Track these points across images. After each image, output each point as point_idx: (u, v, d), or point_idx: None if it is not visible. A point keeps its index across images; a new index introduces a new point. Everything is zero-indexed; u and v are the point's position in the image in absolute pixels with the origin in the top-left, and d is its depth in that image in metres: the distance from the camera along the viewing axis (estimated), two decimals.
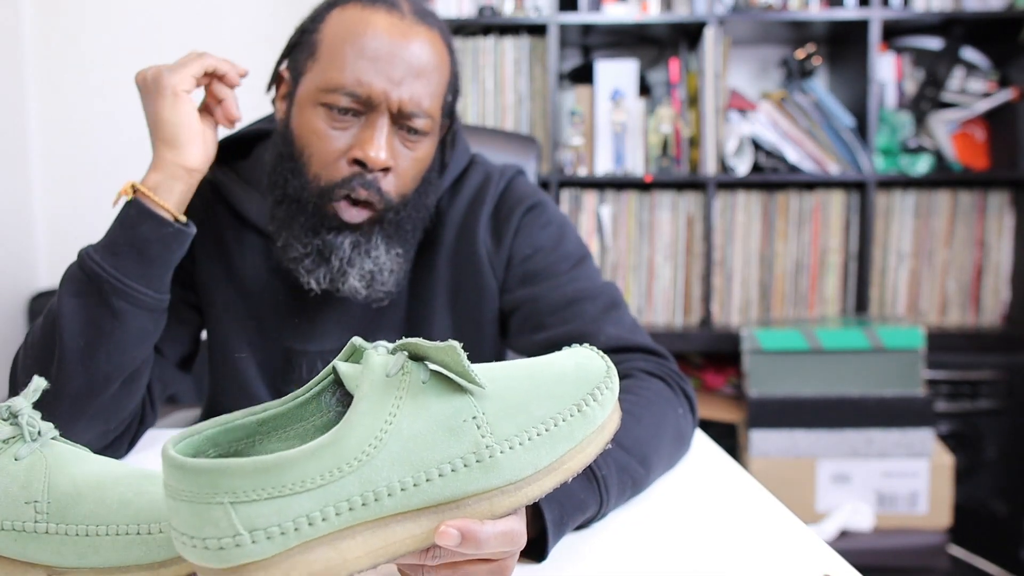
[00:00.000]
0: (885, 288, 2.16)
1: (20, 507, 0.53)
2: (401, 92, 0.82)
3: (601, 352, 0.59)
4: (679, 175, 2.09)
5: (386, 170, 0.84)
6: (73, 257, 0.80)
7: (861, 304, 2.11)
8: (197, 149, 0.82)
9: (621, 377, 0.83)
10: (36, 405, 0.61)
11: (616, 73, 2.15)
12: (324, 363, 0.94)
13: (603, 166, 2.15)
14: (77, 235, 2.28)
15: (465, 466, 0.49)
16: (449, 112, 0.93)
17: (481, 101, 2.15)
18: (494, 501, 0.50)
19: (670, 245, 2.16)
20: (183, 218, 0.81)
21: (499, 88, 2.15)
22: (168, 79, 0.80)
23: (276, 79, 0.92)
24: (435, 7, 2.11)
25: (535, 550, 0.60)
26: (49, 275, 2.30)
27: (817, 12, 2.05)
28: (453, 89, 0.92)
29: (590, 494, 0.64)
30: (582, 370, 0.56)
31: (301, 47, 0.87)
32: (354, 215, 0.84)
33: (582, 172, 2.12)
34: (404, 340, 0.50)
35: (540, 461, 0.52)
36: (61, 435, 0.60)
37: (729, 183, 2.13)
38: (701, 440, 0.90)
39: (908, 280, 2.16)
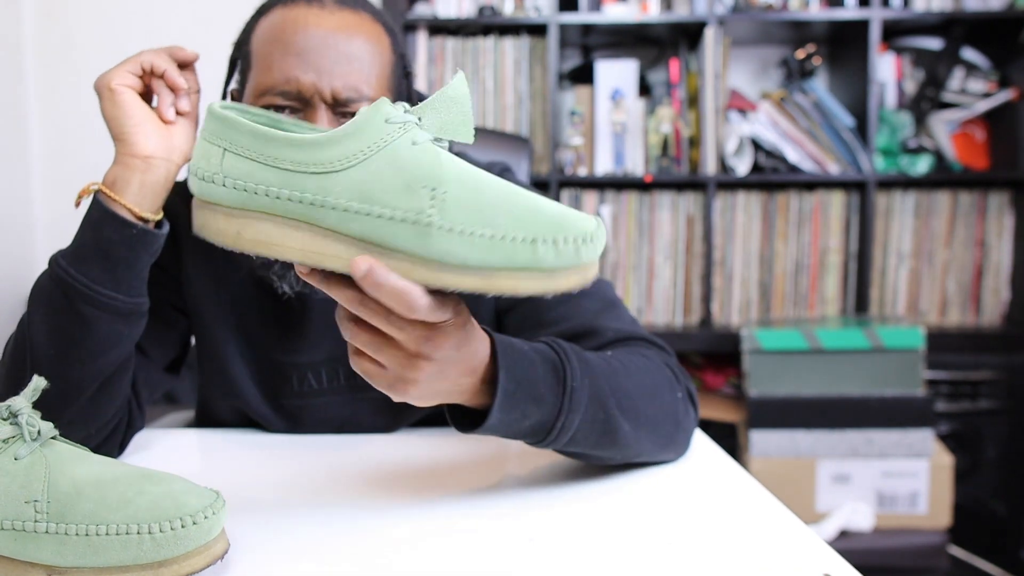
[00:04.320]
0: (885, 288, 2.16)
1: (20, 507, 0.53)
2: (333, 80, 0.80)
3: (602, 222, 0.58)
4: (679, 175, 2.09)
5: None
6: None
7: (861, 304, 2.11)
8: (145, 136, 0.78)
9: (623, 347, 0.83)
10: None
11: (616, 73, 2.15)
12: (315, 375, 0.94)
13: (603, 166, 2.15)
14: None
15: (402, 220, 0.54)
16: (404, 94, 0.91)
17: (481, 101, 2.15)
18: (415, 266, 0.55)
19: (670, 245, 2.16)
20: (151, 216, 0.78)
21: (499, 88, 2.15)
22: (103, 79, 0.79)
23: (230, 97, 0.92)
24: (435, 7, 2.11)
25: (479, 420, 0.66)
26: None
27: (817, 12, 2.05)
28: (401, 70, 0.90)
29: (551, 394, 0.67)
30: (563, 217, 0.56)
31: (240, 62, 0.88)
32: None
33: (582, 172, 2.12)
34: (423, 105, 0.56)
35: (469, 258, 0.54)
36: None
37: (729, 183, 2.13)
38: (701, 440, 0.90)
39: (908, 280, 2.16)
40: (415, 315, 0.55)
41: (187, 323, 0.95)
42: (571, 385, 0.68)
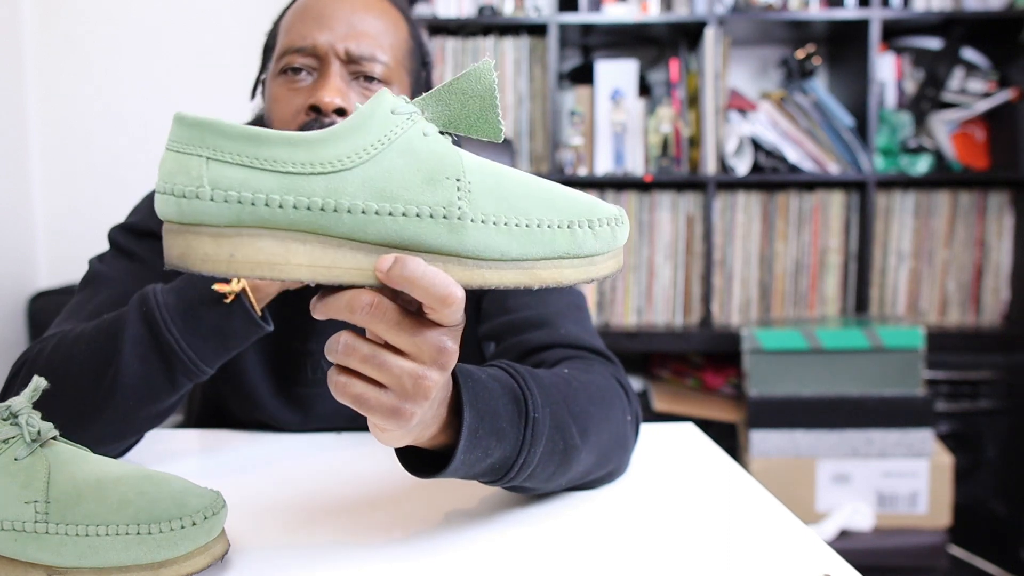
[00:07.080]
0: (885, 288, 2.16)
1: (20, 507, 0.53)
2: (347, 41, 0.85)
3: (621, 208, 0.55)
4: (679, 175, 2.09)
5: (342, 112, 0.84)
6: (72, 257, 0.79)
7: (861, 304, 2.11)
8: None
9: (577, 361, 0.80)
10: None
11: (616, 73, 2.15)
12: (328, 362, 0.94)
13: (603, 166, 2.15)
14: (77, 235, 2.27)
15: (431, 216, 0.49)
16: (422, 82, 0.94)
17: None
18: (449, 265, 0.50)
19: (670, 245, 2.16)
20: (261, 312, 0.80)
21: (499, 88, 2.15)
22: None
23: (261, 87, 0.95)
24: (435, 7, 2.11)
25: (439, 464, 0.59)
26: (49, 275, 2.30)
27: (817, 12, 2.05)
28: (419, 59, 0.94)
29: (513, 428, 0.61)
30: (591, 203, 0.53)
31: (272, 49, 0.93)
32: None
33: (582, 172, 2.12)
34: (427, 96, 0.51)
35: (508, 250, 0.50)
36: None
37: (729, 183, 2.13)
38: (701, 440, 0.90)
39: (908, 280, 2.16)
40: (449, 309, 0.49)
41: None
42: (533, 416, 0.62)
